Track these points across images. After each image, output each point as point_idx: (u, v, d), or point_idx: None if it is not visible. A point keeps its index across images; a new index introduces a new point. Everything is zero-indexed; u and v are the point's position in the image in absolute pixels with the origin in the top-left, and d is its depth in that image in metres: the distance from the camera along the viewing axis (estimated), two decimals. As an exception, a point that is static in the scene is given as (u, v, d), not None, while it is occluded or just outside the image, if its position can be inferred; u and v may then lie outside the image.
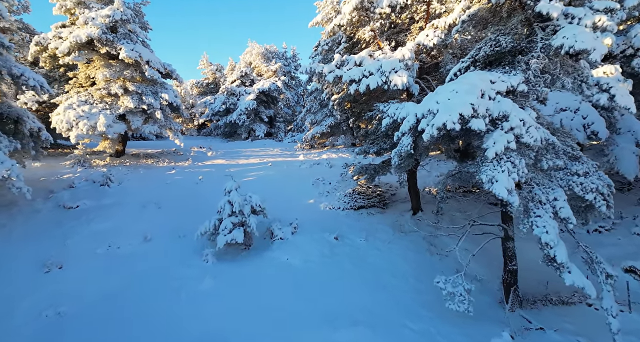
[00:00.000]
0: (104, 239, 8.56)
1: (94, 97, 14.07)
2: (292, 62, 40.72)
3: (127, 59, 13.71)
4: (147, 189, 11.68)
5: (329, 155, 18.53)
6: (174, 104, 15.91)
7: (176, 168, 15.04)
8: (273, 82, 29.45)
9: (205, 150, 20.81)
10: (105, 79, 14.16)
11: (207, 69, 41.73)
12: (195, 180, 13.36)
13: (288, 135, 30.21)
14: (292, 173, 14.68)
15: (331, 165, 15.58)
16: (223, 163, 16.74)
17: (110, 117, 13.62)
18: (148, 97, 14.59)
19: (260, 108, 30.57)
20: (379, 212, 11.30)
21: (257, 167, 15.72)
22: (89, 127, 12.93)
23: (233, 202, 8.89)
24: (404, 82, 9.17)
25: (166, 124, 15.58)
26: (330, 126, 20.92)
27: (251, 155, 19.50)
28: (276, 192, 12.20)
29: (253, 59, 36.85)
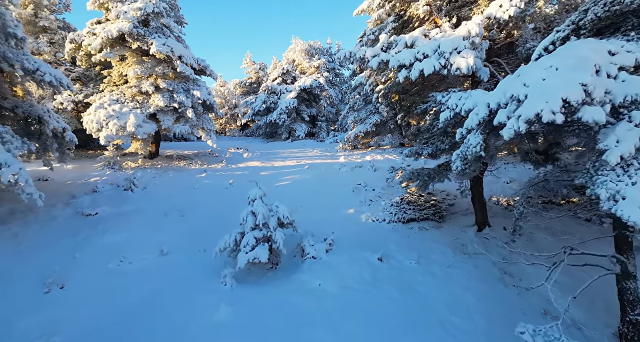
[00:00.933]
0: (117, 252, 7.85)
1: (125, 96, 13.89)
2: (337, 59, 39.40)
3: (158, 54, 13.32)
4: (172, 195, 11.01)
5: (373, 156, 16.85)
6: (207, 102, 15.34)
7: (208, 171, 14.40)
8: (315, 78, 28.36)
9: (241, 151, 20.22)
10: (137, 76, 13.92)
11: (250, 68, 41.95)
12: (225, 184, 12.52)
13: (330, 135, 28.94)
14: (330, 177, 13.30)
15: (375, 169, 13.93)
16: (257, 165, 15.86)
17: (141, 117, 13.30)
18: (179, 94, 14.12)
19: (301, 107, 29.66)
20: (433, 227, 9.49)
21: (292, 170, 14.58)
22: (118, 128, 12.68)
23: (257, 213, 7.70)
24: (469, 65, 7.33)
25: (198, 123, 15.05)
26: (375, 124, 19.21)
27: (288, 156, 18.47)
28: (310, 200, 10.90)
29: (296, 56, 36.14)
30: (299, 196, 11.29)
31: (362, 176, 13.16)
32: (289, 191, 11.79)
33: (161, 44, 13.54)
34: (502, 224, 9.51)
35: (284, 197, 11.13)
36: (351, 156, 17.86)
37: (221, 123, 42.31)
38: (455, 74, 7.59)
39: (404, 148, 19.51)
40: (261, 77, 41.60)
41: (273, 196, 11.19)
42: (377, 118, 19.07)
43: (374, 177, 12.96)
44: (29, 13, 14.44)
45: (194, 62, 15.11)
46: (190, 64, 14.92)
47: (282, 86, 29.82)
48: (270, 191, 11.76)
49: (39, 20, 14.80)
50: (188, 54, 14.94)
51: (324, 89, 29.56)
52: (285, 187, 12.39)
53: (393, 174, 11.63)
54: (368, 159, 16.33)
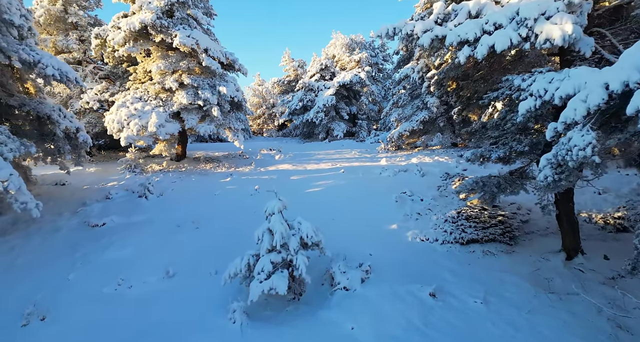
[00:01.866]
0: (117, 272, 6.87)
1: (149, 93, 13.28)
2: (380, 52, 37.36)
3: (182, 46, 12.53)
4: (190, 202, 10.02)
5: (420, 158, 14.85)
6: (236, 100, 14.35)
7: (234, 174, 13.37)
8: (355, 73, 26.68)
9: (273, 152, 19.13)
10: (160, 71, 13.26)
11: (289, 66, 41.21)
12: (251, 190, 11.33)
13: (371, 134, 27.05)
14: (369, 183, 11.62)
15: (423, 174, 12.00)
16: (288, 169, 14.58)
17: (163, 116, 12.58)
18: (204, 91, 13.24)
19: (340, 104, 28.12)
20: (502, 252, 7.49)
21: (325, 175, 13.09)
22: (139, 128, 12.03)
23: (274, 231, 6.29)
24: (566, 34, 5.33)
25: (225, 122, 14.10)
26: (422, 122, 17.14)
27: (323, 158, 17.01)
28: (344, 211, 9.33)
29: (336, 52, 34.69)
30: (331, 206, 9.77)
31: (407, 182, 11.32)
32: (320, 200, 10.32)
33: (185, 36, 12.73)
34: (601, 251, 7.26)
35: (313, 207, 9.68)
36: (394, 158, 15.98)
37: (259, 123, 42.05)
38: (542, 47, 5.61)
39: (457, 149, 17.22)
40: (300, 75, 40.67)
41: (301, 206, 9.78)
42: (424, 115, 16.99)
43: (421, 184, 11.07)
44: (58, 9, 14.45)
45: (221, 56, 14.19)
46: (218, 57, 14.02)
47: (320, 83, 28.49)
48: (299, 199, 10.37)
49: (68, 16, 14.74)
50: (215, 47, 14.05)
51: (365, 85, 27.77)
52: (316, 194, 10.94)
53: (447, 182, 9.70)
54: (414, 161, 14.37)
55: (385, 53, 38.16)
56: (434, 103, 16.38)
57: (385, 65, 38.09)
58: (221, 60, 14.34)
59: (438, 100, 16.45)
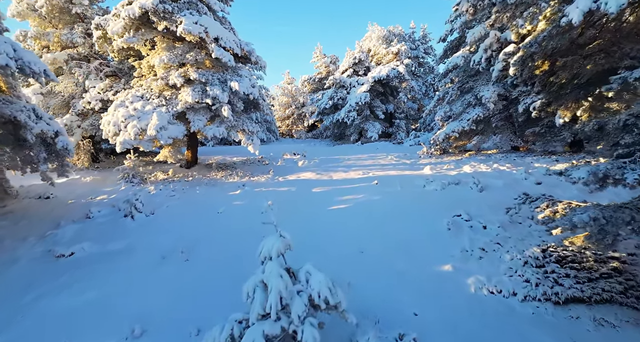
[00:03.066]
0: (65, 330, 5.17)
1: (152, 91, 11.82)
2: (422, 45, 34.54)
3: (187, 35, 10.93)
4: (185, 223, 8.25)
5: (475, 166, 12.24)
6: (251, 97, 12.54)
7: (247, 185, 11.57)
8: (393, 67, 24.20)
9: (297, 157, 17.23)
10: (164, 65, 11.77)
11: (320, 62, 39.29)
12: (262, 207, 9.41)
13: (410, 135, 24.41)
14: (409, 199, 9.30)
15: (482, 188, 9.48)
16: (311, 178, 12.55)
17: (166, 117, 11.02)
18: (214, 87, 11.57)
19: (375, 102, 25.74)
20: (630, 322, 4.93)
21: (355, 187, 10.92)
22: (137, 131, 10.54)
23: (270, 287, 4.26)
24: None
25: (237, 124, 12.34)
26: (475, 121, 14.45)
27: (354, 165, 14.82)
28: (376, 239, 7.13)
29: (372, 45, 32.33)
30: (359, 231, 7.60)
31: (461, 200, 8.88)
32: (345, 222, 8.18)
33: (192, 23, 11.14)
34: None
35: (336, 231, 7.58)
36: (440, 165, 13.45)
37: (288, 124, 40.56)
38: None
39: (518, 153, 14.35)
40: (332, 72, 38.64)
41: (320, 229, 7.71)
42: (478, 112, 14.30)
43: (481, 202, 8.58)
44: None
45: (235, 47, 12.49)
46: (231, 48, 12.33)
47: (353, 79, 26.28)
48: (318, 220, 8.31)
49: (72, 6, 13.69)
50: (228, 36, 12.37)
51: (403, 80, 25.20)
52: (341, 214, 8.79)
53: (524, 206, 7.17)
54: (467, 170, 11.80)
55: (427, 45, 35.26)
56: (490, 98, 13.67)
57: (426, 58, 35.22)
58: (235, 52, 12.63)
59: (495, 95, 13.71)
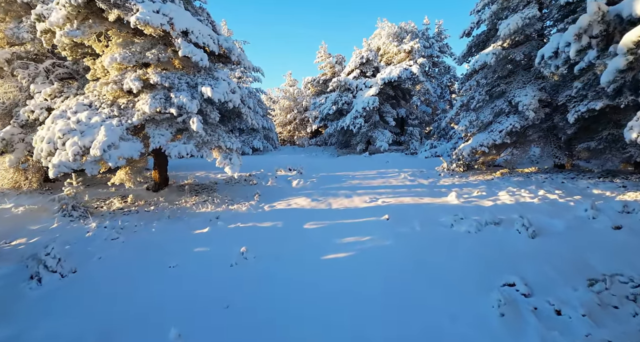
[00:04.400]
0: None
1: (104, 98, 9.67)
2: (436, 42, 32.16)
3: (144, 26, 8.80)
4: (112, 292, 5.97)
5: (515, 194, 9.84)
6: (230, 105, 10.35)
7: (221, 218, 9.34)
8: (405, 67, 21.86)
9: (293, 174, 14.94)
10: (117, 65, 9.64)
11: (325, 62, 37.06)
12: (233, 255, 7.16)
13: (425, 144, 21.92)
14: (434, 249, 6.93)
15: (534, 232, 7.05)
16: (304, 207, 10.27)
17: (117, 131, 8.85)
18: (180, 93, 9.39)
19: (384, 107, 23.41)
20: None
21: (360, 223, 8.58)
22: (78, 150, 8.38)
23: None
24: None
25: (211, 139, 10.10)
26: (509, 133, 12.02)
27: (359, 186, 12.47)
28: (387, 327, 4.74)
29: (381, 43, 30.04)
30: (361, 307, 5.24)
31: (507, 252, 6.49)
32: (345, 288, 5.83)
33: (151, 11, 9.00)
34: None
35: (327, 304, 5.26)
36: (468, 189, 11.05)
37: (289, 130, 38.35)
38: None
39: (565, 173, 11.88)
40: (337, 73, 36.45)
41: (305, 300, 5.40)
42: (513, 122, 11.88)
43: (539, 258, 6.16)
44: (8, -11, 11.46)
45: (211, 43, 10.32)
46: (205, 44, 10.16)
47: (360, 81, 23.98)
48: (304, 282, 6.02)
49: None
50: (202, 29, 10.22)
51: (417, 81, 22.81)
52: (339, 270, 6.46)
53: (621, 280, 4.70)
54: (506, 199, 9.38)
55: (443, 43, 32.87)
56: (529, 104, 11.26)
57: (442, 57, 32.79)
58: (211, 49, 10.45)
59: (536, 100, 11.29)
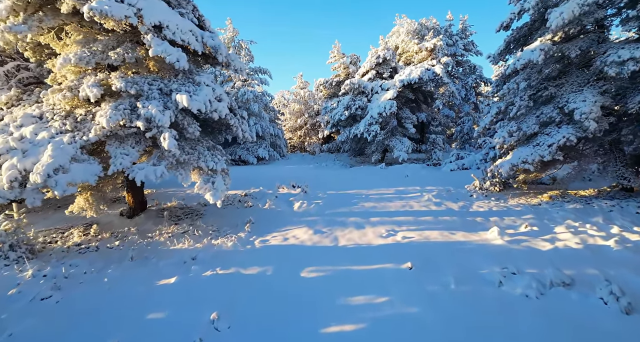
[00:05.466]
0: None
1: (58, 108, 8.05)
2: (460, 40, 29.93)
3: (103, 18, 7.18)
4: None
5: (579, 232, 7.75)
6: (215, 116, 8.62)
7: (199, 259, 7.60)
8: (427, 67, 19.83)
9: (296, 192, 13.11)
10: (74, 68, 8.04)
11: (338, 63, 35.36)
12: (200, 324, 5.36)
13: (451, 156, 19.72)
14: (480, 325, 4.94)
15: (628, 306, 4.98)
16: (304, 242, 8.42)
17: (68, 150, 7.20)
18: (150, 103, 7.69)
19: (403, 112, 21.38)
20: None
21: (373, 271, 6.67)
22: (15, 175, 6.75)
23: None
24: None
25: (189, 158, 8.34)
26: (562, 147, 9.89)
27: (372, 211, 10.53)
28: None
29: (400, 42, 28.03)
30: None
31: (591, 337, 4.49)
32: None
33: (114, 1, 7.37)
34: None
35: None
36: (510, 219, 9.00)
37: (300, 135, 36.63)
38: None
39: (637, 199, 9.67)
40: (352, 74, 34.63)
41: None
42: (567, 134, 9.74)
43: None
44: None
45: (192, 40, 8.64)
46: (185, 42, 8.49)
47: (375, 83, 22.04)
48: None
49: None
50: (182, 24, 8.56)
51: (441, 83, 20.74)
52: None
53: None
54: (567, 239, 7.29)
55: (467, 40, 30.61)
56: (589, 113, 9.13)
57: (467, 56, 30.53)
58: (194, 48, 8.76)
59: (598, 107, 9.16)
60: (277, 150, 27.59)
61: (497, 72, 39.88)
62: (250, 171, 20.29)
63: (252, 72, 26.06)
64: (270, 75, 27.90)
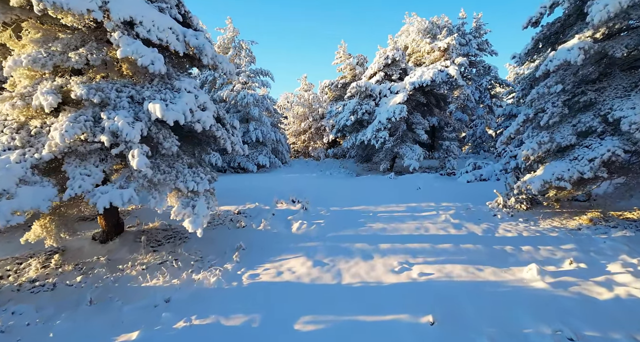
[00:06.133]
0: None
1: (9, 121, 6.88)
2: (475, 38, 28.58)
3: (58, 12, 6.03)
4: None
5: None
6: (199, 127, 7.43)
7: (172, 302, 6.41)
8: (441, 68, 18.49)
9: (296, 209, 11.86)
10: (29, 72, 6.86)
11: (344, 64, 34.18)
12: None
13: (467, 165, 18.25)
14: None
15: None
16: (300, 278, 7.15)
17: (15, 171, 6.05)
18: (116, 113, 6.49)
19: (414, 117, 20.05)
20: None
21: (384, 325, 5.35)
22: (-56, 204, 5.56)
23: None
24: None
25: (164, 178, 7.12)
26: (607, 163, 8.52)
27: (382, 235, 9.22)
28: None
29: (409, 41, 26.73)
30: None
31: None
32: None
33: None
34: None
35: None
36: (547, 249, 7.67)
37: (304, 140, 35.37)
38: None
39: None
40: (359, 75, 33.38)
41: None
42: (612, 147, 8.37)
43: None
44: None
45: (172, 39, 7.47)
46: (163, 41, 7.31)
47: (384, 85, 20.73)
48: None
49: None
50: (159, 20, 7.39)
51: (456, 86, 19.40)
52: None
53: None
54: (629, 282, 5.95)
55: (481, 40, 29.22)
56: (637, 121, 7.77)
57: (480, 56, 29.13)
58: (174, 48, 7.58)
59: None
60: (279, 156, 26.37)
61: (511, 73, 38.41)
62: (249, 180, 19.08)
63: (252, 75, 24.90)
64: (272, 77, 26.76)
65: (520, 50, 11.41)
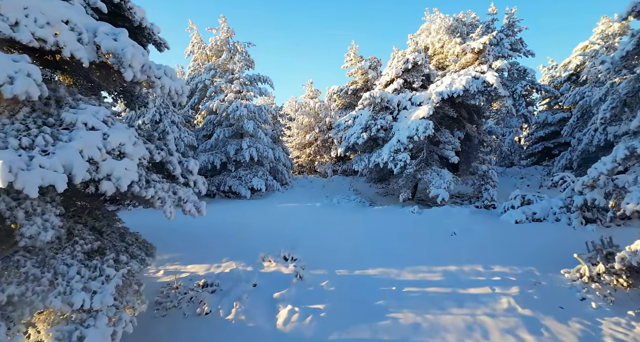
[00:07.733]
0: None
1: None
2: (507, 37, 25.25)
3: None
4: None
5: None
6: (111, 188, 4.37)
7: None
8: (475, 75, 15.25)
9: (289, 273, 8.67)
10: None
11: (355, 68, 31.09)
12: None
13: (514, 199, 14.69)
14: None
15: None
16: None
17: None
18: None
19: (441, 134, 16.82)
20: None
21: None
22: None
23: None
24: None
25: (24, 291, 4.03)
26: None
27: (415, 339, 6.04)
28: None
29: (436, 41, 23.47)
30: None
31: None
32: None
33: None
34: None
35: None
36: None
37: (309, 154, 32.24)
38: None
39: None
40: (371, 81, 30.24)
41: None
42: None
43: None
44: None
45: (67, 39, 4.51)
46: (47, 42, 4.32)
47: (403, 95, 17.54)
48: None
49: None
50: (43, 8, 4.43)
51: (496, 96, 16.09)
52: None
53: None
54: None
55: (515, 38, 25.90)
56: None
57: (514, 57, 25.83)
58: (72, 53, 4.59)
59: None
60: (278, 177, 23.27)
61: (545, 75, 34.55)
62: (237, 212, 16.03)
63: (248, 82, 21.94)
64: (271, 84, 23.82)
65: (618, 52, 8.09)
